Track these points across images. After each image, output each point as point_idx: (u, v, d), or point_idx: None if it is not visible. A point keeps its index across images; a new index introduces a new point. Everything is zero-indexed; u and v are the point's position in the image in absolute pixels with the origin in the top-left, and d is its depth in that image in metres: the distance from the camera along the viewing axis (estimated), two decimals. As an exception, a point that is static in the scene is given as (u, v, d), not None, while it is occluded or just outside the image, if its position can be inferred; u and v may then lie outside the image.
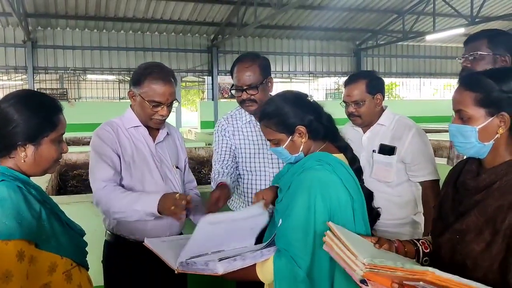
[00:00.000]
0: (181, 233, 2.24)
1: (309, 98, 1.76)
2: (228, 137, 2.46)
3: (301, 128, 1.66)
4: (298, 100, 1.72)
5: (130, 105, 2.17)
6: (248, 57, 2.34)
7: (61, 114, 1.47)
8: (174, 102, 2.10)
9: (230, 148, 2.45)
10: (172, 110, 2.23)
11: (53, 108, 1.45)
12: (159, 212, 1.88)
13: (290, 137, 1.68)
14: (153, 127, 2.15)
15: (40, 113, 1.40)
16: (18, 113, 1.36)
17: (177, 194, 1.84)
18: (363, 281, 1.19)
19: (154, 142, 2.16)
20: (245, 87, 2.29)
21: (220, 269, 1.50)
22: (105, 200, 1.97)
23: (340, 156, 1.68)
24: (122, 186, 2.06)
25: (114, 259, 2.14)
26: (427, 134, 2.59)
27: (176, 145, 2.32)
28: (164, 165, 2.17)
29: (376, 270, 1.13)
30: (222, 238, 1.70)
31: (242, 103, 2.35)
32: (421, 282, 1.06)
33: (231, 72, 2.40)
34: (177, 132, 2.40)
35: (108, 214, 2.00)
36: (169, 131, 2.27)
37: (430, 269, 1.03)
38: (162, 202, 1.86)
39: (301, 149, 1.68)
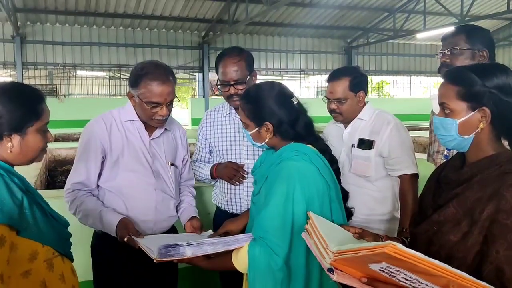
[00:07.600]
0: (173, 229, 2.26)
1: (293, 100, 1.74)
2: (207, 137, 2.51)
3: (269, 125, 1.69)
4: (280, 97, 1.72)
5: None
6: (235, 52, 2.33)
7: (44, 103, 1.48)
8: (173, 100, 2.05)
9: (209, 151, 2.54)
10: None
11: (36, 98, 1.46)
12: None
13: (257, 128, 1.72)
14: (155, 126, 2.14)
15: (24, 103, 1.41)
16: (1, 105, 1.37)
17: (130, 234, 1.86)
18: (330, 270, 1.20)
19: (150, 137, 2.14)
20: (232, 82, 2.28)
21: (188, 252, 1.55)
22: (71, 205, 2.04)
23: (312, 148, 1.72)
24: (97, 187, 2.09)
25: (103, 250, 2.13)
26: (417, 131, 2.60)
27: (175, 142, 2.29)
28: (157, 161, 2.15)
29: (342, 256, 1.14)
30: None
31: (229, 97, 2.34)
32: (384, 263, 1.04)
33: (216, 66, 2.38)
34: (180, 128, 2.35)
35: (74, 214, 2.05)
36: (168, 127, 2.22)
37: (393, 242, 1.01)
38: (120, 226, 1.94)
39: (265, 141, 1.73)
